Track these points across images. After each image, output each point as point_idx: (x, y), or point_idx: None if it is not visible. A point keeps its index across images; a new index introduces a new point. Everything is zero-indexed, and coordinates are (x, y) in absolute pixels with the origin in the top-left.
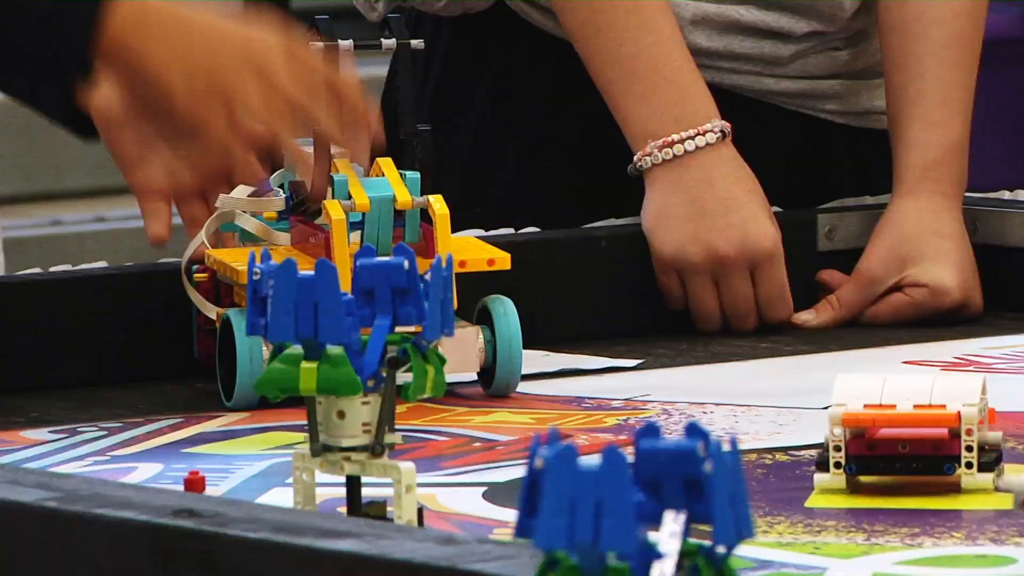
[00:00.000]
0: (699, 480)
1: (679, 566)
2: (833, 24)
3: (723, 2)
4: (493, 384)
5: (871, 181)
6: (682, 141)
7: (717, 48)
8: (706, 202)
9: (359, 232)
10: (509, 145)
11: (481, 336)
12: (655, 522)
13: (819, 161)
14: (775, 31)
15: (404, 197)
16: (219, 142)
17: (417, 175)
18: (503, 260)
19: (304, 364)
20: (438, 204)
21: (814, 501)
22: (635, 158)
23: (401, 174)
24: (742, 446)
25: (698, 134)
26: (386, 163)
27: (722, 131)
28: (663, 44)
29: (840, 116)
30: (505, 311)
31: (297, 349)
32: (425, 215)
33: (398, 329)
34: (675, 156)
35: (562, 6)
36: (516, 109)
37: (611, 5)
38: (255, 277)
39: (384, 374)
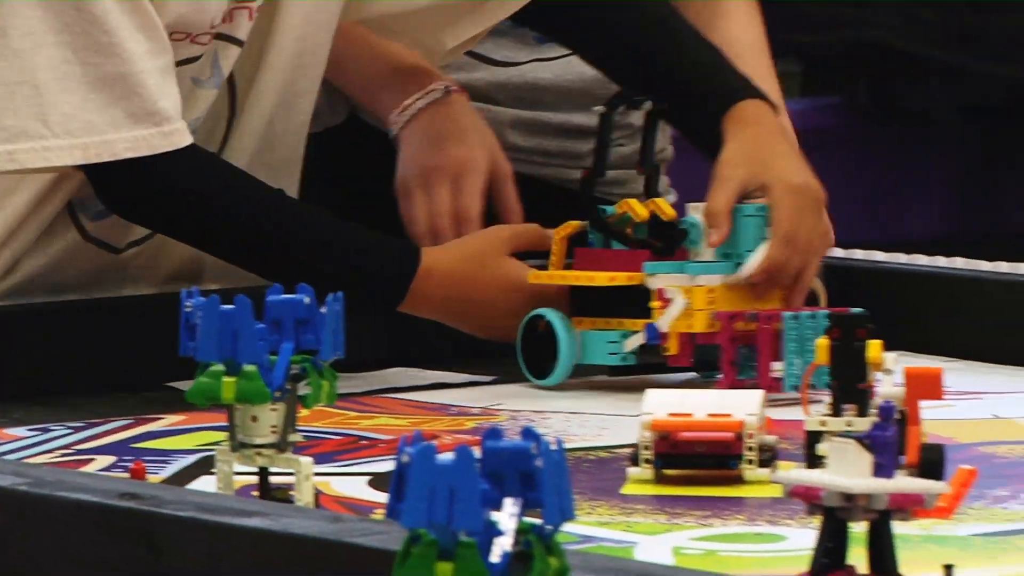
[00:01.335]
0: (532, 473)
1: (516, 541)
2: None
3: (535, 109)
4: None
5: None
6: (413, 103)
7: (530, 146)
8: (441, 138)
9: None
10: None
11: None
12: (497, 506)
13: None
14: (576, 129)
15: None
16: None
17: None
18: None
19: (225, 378)
20: None
21: (628, 489)
22: (391, 135)
23: None
24: (572, 445)
25: (424, 94)
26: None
27: (446, 89)
28: (377, 57)
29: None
30: None
31: (220, 366)
32: None
33: (300, 351)
34: (411, 116)
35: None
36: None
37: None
38: (187, 310)
39: (288, 387)
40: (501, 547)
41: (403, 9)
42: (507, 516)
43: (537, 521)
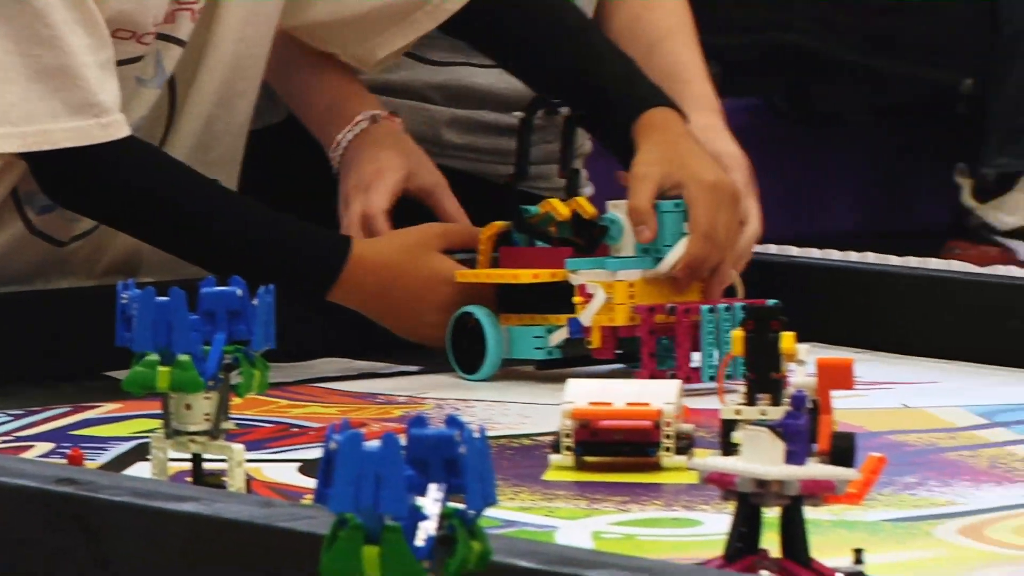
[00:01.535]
0: (455, 460)
1: (440, 526)
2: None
3: (470, 108)
4: None
5: None
6: (343, 138)
7: (464, 143)
8: (358, 162)
9: None
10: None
11: None
12: (422, 492)
13: None
14: (508, 128)
15: None
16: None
17: None
18: None
19: (160, 368)
20: None
21: (549, 475)
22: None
23: None
24: (496, 433)
25: (352, 127)
26: None
27: (372, 118)
28: (321, 97)
29: (549, 192)
30: None
31: (154, 356)
32: None
33: (232, 342)
34: (342, 151)
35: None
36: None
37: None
38: (123, 301)
39: (221, 376)
40: (425, 531)
41: (333, 18)
42: (431, 501)
43: (460, 506)
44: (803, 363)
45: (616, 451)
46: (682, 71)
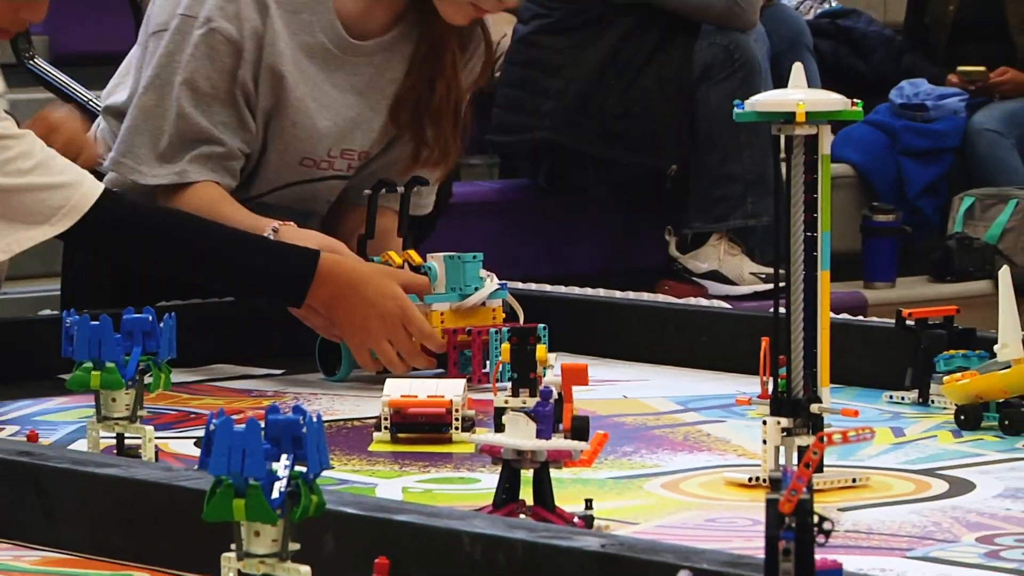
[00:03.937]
0: (300, 437)
1: (288, 484)
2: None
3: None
4: None
5: None
6: None
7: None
8: None
9: None
10: None
11: None
12: (276, 460)
13: None
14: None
15: None
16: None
17: None
18: None
19: (93, 372)
20: None
21: (373, 447)
22: None
23: None
24: (336, 417)
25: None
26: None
27: (272, 230)
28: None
29: None
30: None
31: (89, 364)
32: None
33: (145, 354)
34: None
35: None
36: None
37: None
38: (67, 324)
39: (137, 378)
40: (278, 488)
41: None
42: (283, 467)
43: (303, 470)
44: (552, 367)
45: (420, 429)
46: None
